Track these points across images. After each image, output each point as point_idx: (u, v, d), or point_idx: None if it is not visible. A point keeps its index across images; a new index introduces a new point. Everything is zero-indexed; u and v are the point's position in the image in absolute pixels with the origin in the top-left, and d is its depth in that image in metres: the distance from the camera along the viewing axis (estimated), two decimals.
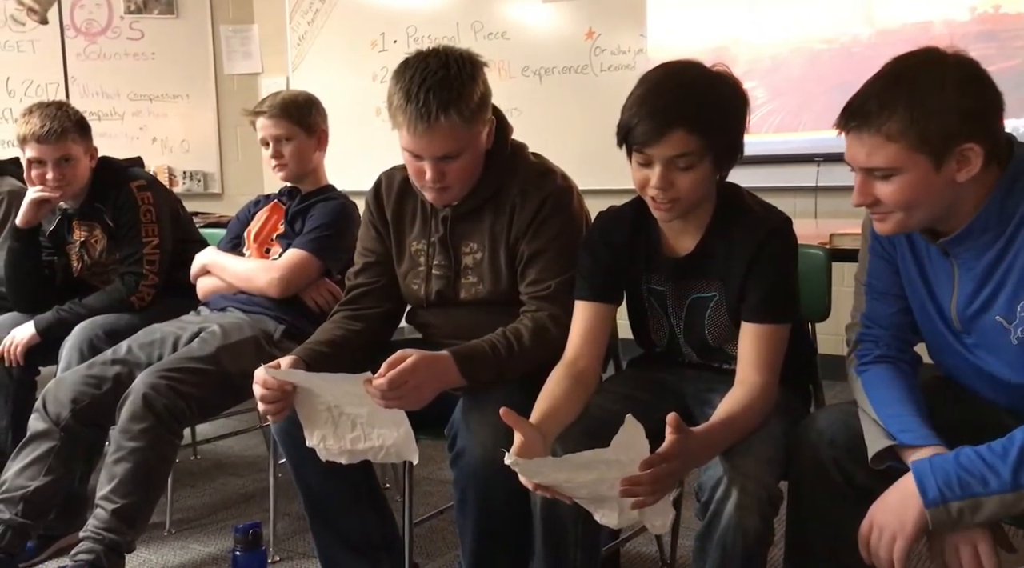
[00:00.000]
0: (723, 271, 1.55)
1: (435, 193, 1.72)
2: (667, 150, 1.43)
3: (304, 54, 4.94)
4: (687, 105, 1.42)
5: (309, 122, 2.31)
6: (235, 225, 2.47)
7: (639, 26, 4.08)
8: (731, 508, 1.34)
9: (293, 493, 1.89)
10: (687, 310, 1.62)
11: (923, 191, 1.26)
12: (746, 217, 1.55)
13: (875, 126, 1.24)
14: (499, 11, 4.44)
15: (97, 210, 2.51)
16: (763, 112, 3.86)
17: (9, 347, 2.38)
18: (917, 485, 1.20)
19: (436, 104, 1.59)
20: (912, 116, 1.21)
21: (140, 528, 2.03)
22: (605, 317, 1.64)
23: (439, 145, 1.64)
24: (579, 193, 1.80)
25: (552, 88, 4.32)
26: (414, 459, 1.62)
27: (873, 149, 1.25)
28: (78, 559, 1.94)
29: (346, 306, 1.88)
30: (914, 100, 1.22)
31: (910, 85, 1.23)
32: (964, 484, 1.18)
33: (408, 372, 1.51)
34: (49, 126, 2.37)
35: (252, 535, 1.64)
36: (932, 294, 1.40)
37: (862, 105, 1.26)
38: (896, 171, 1.25)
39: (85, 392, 2.08)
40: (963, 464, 1.19)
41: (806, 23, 3.78)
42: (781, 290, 1.53)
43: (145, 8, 4.95)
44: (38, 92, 4.69)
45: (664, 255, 1.61)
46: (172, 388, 1.99)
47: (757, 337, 1.51)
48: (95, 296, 2.43)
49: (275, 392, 1.62)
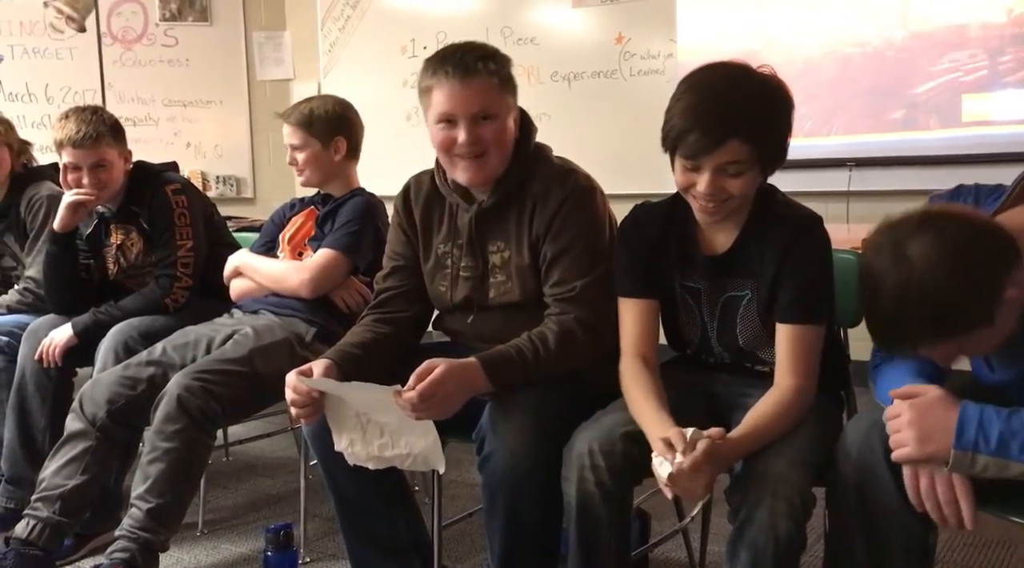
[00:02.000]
0: (756, 270, 1.55)
1: (470, 163, 1.71)
2: (720, 159, 1.43)
3: (335, 60, 4.99)
4: (741, 116, 1.42)
5: (325, 133, 2.33)
6: (269, 228, 2.50)
7: (669, 30, 4.06)
8: (763, 512, 1.33)
9: (324, 495, 1.91)
10: (721, 309, 1.61)
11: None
12: (778, 216, 1.55)
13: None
14: (528, 16, 4.45)
15: (133, 213, 2.54)
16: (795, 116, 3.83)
17: (48, 348, 2.42)
18: (958, 423, 1.20)
19: (473, 57, 1.66)
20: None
21: (174, 527, 2.06)
22: (653, 312, 1.64)
23: (476, 99, 1.66)
24: (603, 194, 1.79)
25: (581, 93, 4.32)
26: (440, 468, 1.62)
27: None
28: (113, 557, 1.97)
29: (375, 309, 1.89)
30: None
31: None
32: (1002, 443, 1.18)
33: (437, 384, 1.52)
34: (84, 131, 2.41)
35: (283, 536, 1.67)
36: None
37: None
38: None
39: (120, 393, 2.11)
40: (1012, 426, 1.18)
41: (838, 26, 3.75)
42: (813, 289, 1.51)
43: (180, 16, 5.02)
44: (76, 98, 4.77)
45: (701, 253, 1.60)
46: (206, 390, 2.01)
47: (790, 338, 1.51)
48: (131, 298, 2.47)
49: (305, 397, 1.64)
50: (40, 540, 2.07)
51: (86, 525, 2.33)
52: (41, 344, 2.43)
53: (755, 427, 1.43)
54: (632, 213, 1.67)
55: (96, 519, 2.35)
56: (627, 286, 1.64)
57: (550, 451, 1.55)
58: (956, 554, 2.24)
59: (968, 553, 2.25)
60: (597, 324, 1.67)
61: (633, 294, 1.63)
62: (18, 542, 2.07)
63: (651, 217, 1.64)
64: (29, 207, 2.70)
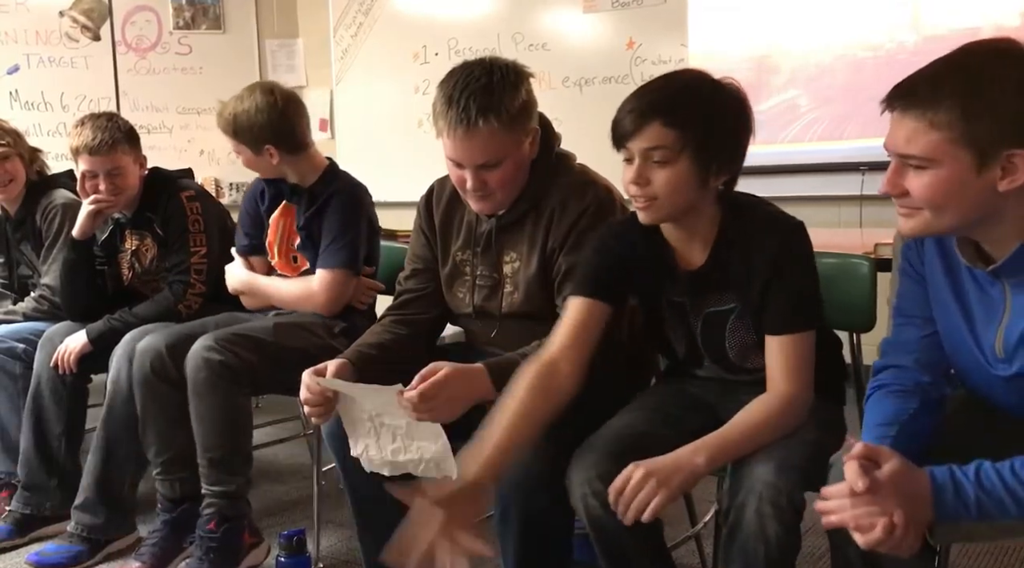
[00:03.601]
0: (738, 283, 1.53)
1: (478, 202, 1.73)
2: (643, 142, 1.43)
3: (347, 67, 5.00)
4: (664, 99, 1.44)
5: (252, 142, 2.28)
6: (245, 220, 2.45)
7: (680, 35, 4.06)
8: (750, 515, 1.33)
9: (337, 501, 1.91)
10: (703, 323, 1.60)
11: (956, 192, 1.16)
12: (756, 228, 1.51)
13: (921, 109, 1.15)
14: (540, 22, 4.46)
15: (148, 219, 2.56)
16: (807, 120, 3.82)
17: (63, 355, 2.43)
18: (934, 497, 1.13)
19: (476, 109, 1.60)
20: (964, 107, 1.13)
21: (242, 472, 2.17)
22: (598, 317, 1.57)
23: (478, 152, 1.64)
24: (623, 206, 1.78)
25: (593, 98, 4.32)
26: (453, 474, 1.62)
27: (913, 134, 1.16)
28: (205, 514, 2.13)
29: (394, 310, 1.90)
30: (969, 90, 1.13)
31: (969, 74, 1.14)
32: (981, 505, 1.12)
33: (440, 385, 1.52)
34: (100, 138, 2.43)
35: (297, 542, 1.67)
36: (970, 320, 1.32)
37: (913, 85, 1.18)
38: (932, 163, 1.16)
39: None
40: (984, 486, 1.12)
41: (850, 30, 3.74)
42: (801, 298, 1.49)
43: (193, 24, 5.05)
44: (90, 107, 4.80)
45: (680, 268, 1.58)
46: (228, 349, 2.09)
47: (782, 349, 1.48)
48: (144, 305, 2.48)
49: (318, 396, 1.66)
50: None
51: (100, 530, 2.35)
52: (56, 351, 2.45)
53: (740, 430, 1.42)
54: (612, 224, 1.67)
55: (111, 524, 2.37)
56: (579, 285, 1.60)
57: (562, 459, 1.55)
58: (970, 561, 2.23)
59: (981, 560, 2.23)
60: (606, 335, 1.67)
61: (581, 292, 1.58)
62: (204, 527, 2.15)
63: (630, 229, 1.59)
64: (44, 215, 2.72)
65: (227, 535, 2.13)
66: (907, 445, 1.26)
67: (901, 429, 1.29)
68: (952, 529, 1.14)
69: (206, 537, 2.13)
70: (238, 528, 2.17)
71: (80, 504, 2.36)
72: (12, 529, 2.45)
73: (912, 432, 1.30)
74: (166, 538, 2.26)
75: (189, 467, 2.22)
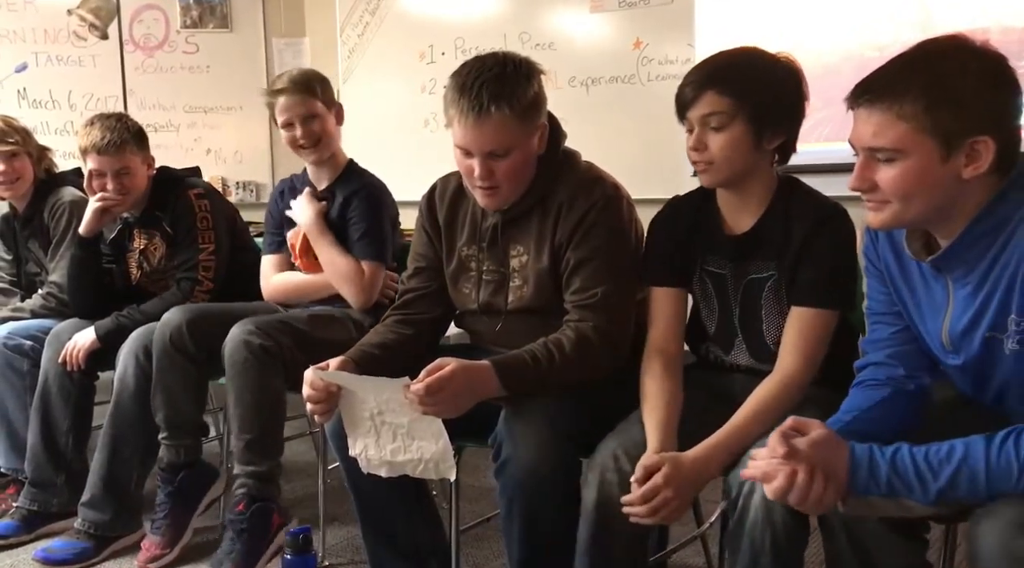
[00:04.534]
0: (779, 251, 1.56)
1: (484, 194, 1.73)
2: (700, 110, 1.52)
3: (354, 66, 5.01)
4: (718, 70, 1.53)
5: (329, 97, 2.38)
6: (270, 222, 2.51)
7: (687, 35, 4.05)
8: (757, 501, 1.34)
9: (342, 499, 1.92)
10: (743, 292, 1.62)
11: (924, 181, 1.21)
12: (803, 201, 1.58)
13: (887, 102, 1.20)
14: (546, 22, 4.46)
15: (156, 218, 2.57)
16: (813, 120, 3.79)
17: (71, 352, 2.45)
18: (849, 469, 1.18)
19: (488, 96, 1.61)
20: (929, 98, 1.18)
21: (274, 454, 2.22)
22: (682, 301, 1.68)
23: (489, 139, 1.65)
24: (630, 202, 1.79)
25: (599, 98, 4.31)
26: (451, 476, 1.63)
27: (881, 127, 1.21)
28: (236, 495, 2.18)
29: (398, 310, 1.90)
30: (933, 82, 1.18)
31: (931, 67, 1.20)
32: (891, 485, 1.17)
33: (446, 380, 1.53)
34: (109, 138, 2.44)
35: (302, 539, 1.67)
36: (921, 314, 1.36)
37: (878, 80, 1.23)
38: (901, 154, 1.21)
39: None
40: (897, 468, 1.17)
41: (858, 30, 3.73)
42: (830, 275, 1.53)
43: (200, 23, 5.06)
44: (98, 105, 4.81)
45: (724, 234, 1.63)
46: (265, 333, 2.13)
47: (801, 320, 1.52)
48: (152, 303, 2.49)
49: (321, 393, 1.65)
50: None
51: (107, 527, 2.36)
52: (64, 348, 2.46)
53: (734, 426, 1.46)
54: (667, 203, 1.72)
55: (117, 521, 2.38)
56: (656, 274, 1.68)
57: (567, 458, 1.56)
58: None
59: None
60: (614, 333, 1.67)
61: (662, 281, 1.67)
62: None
63: (683, 206, 1.69)
64: (52, 213, 2.74)
65: (256, 516, 2.16)
66: (863, 428, 1.30)
67: (859, 415, 1.34)
68: (863, 504, 1.20)
69: (236, 520, 2.17)
70: (267, 509, 2.20)
71: (87, 501, 2.37)
72: (19, 525, 2.47)
73: (872, 417, 1.34)
74: (176, 508, 2.32)
75: (193, 435, 2.32)
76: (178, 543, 2.33)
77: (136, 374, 2.32)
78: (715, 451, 1.44)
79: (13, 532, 2.46)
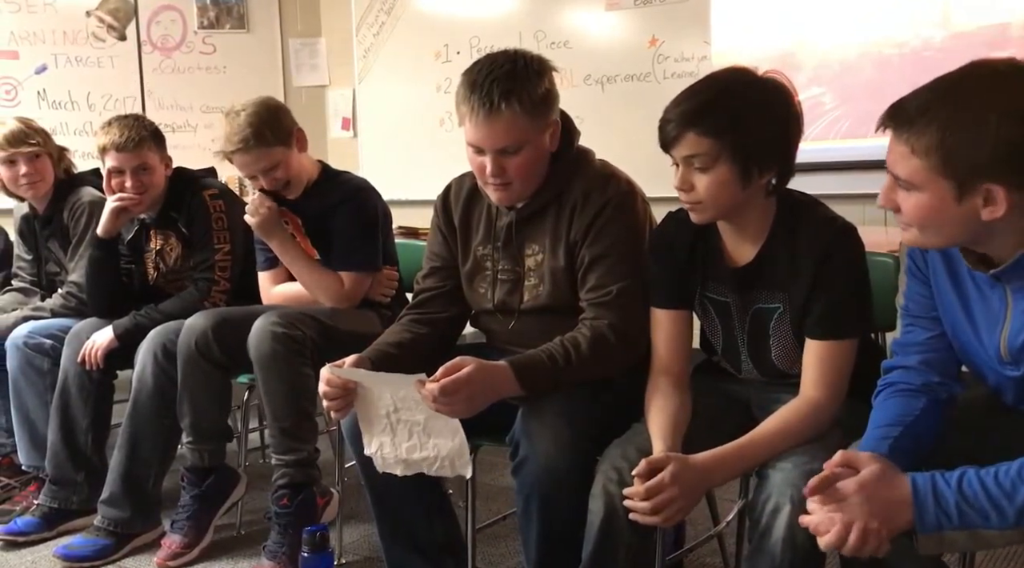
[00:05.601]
0: (787, 282, 1.52)
1: (496, 190, 1.73)
2: (682, 151, 1.46)
3: (370, 66, 5.02)
4: (696, 109, 1.44)
5: (285, 131, 2.32)
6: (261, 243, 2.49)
7: (703, 33, 4.04)
8: (782, 521, 1.32)
9: (359, 497, 1.92)
10: (750, 322, 1.59)
11: (939, 216, 1.18)
12: (808, 226, 1.51)
13: (905, 135, 1.17)
14: (562, 20, 4.45)
15: (172, 219, 2.59)
16: (831, 118, 3.79)
17: (90, 351, 2.47)
18: (915, 506, 1.12)
19: (499, 93, 1.61)
20: (941, 138, 1.13)
21: (311, 438, 2.25)
22: (685, 322, 1.64)
23: (500, 135, 1.65)
24: (644, 199, 1.79)
25: (614, 96, 4.30)
26: (467, 473, 1.63)
27: (899, 157, 1.19)
28: (277, 485, 2.21)
29: (413, 309, 1.91)
30: (949, 122, 1.13)
31: (955, 103, 1.14)
32: (963, 515, 1.11)
33: (462, 382, 1.53)
34: (127, 135, 2.47)
35: (320, 537, 1.67)
36: (974, 324, 1.32)
37: (901, 109, 1.19)
38: (914, 187, 1.18)
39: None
40: (966, 495, 1.11)
41: (876, 26, 3.70)
42: (844, 304, 1.48)
43: (217, 23, 5.08)
44: (116, 106, 4.85)
45: (725, 264, 1.59)
46: (289, 323, 2.15)
47: (818, 354, 1.48)
48: (170, 302, 2.51)
49: (337, 389, 1.66)
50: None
51: (126, 525, 2.38)
52: (83, 347, 2.48)
53: (752, 440, 1.43)
54: (662, 223, 1.67)
55: (136, 519, 2.40)
56: (658, 297, 1.64)
57: (585, 457, 1.55)
58: (998, 563, 2.21)
59: (1005, 564, 2.21)
60: (630, 330, 1.67)
61: (664, 304, 1.64)
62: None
63: (679, 228, 1.62)
64: (72, 213, 2.76)
65: (301, 507, 2.19)
66: (911, 445, 1.26)
67: (905, 430, 1.29)
68: (936, 540, 1.13)
69: (281, 513, 2.19)
70: (311, 497, 2.23)
71: (106, 498, 2.39)
72: (40, 522, 2.49)
73: (917, 432, 1.30)
74: (199, 509, 2.35)
75: (217, 439, 2.35)
76: (199, 544, 2.35)
77: (154, 372, 2.34)
78: (727, 459, 1.42)
79: (34, 529, 2.48)
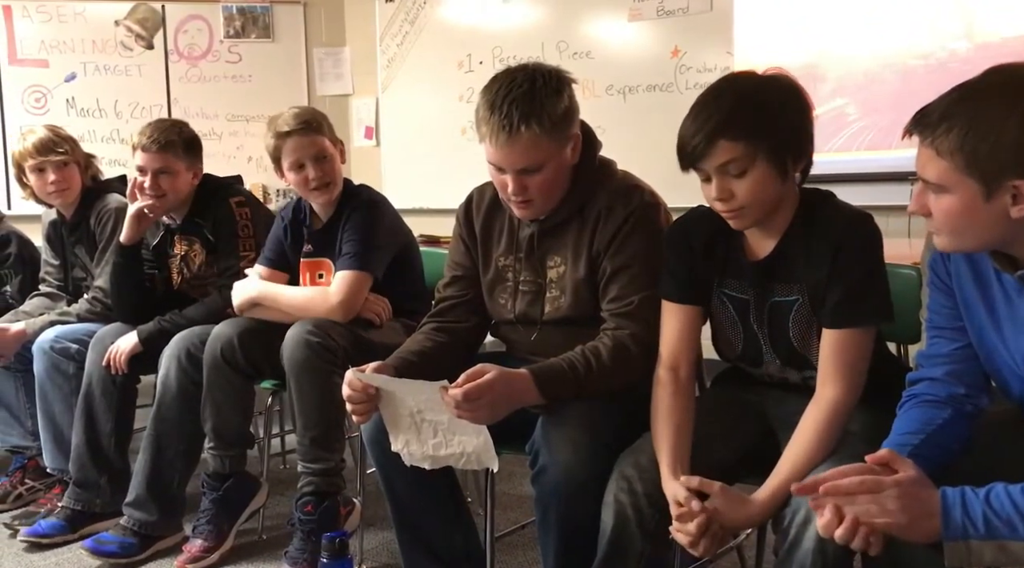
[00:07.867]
0: (804, 273, 1.52)
1: (518, 207, 1.74)
2: (715, 160, 1.44)
3: (393, 75, 5.06)
4: (723, 118, 1.43)
5: (334, 134, 2.39)
6: (274, 243, 2.48)
7: (726, 43, 4.04)
8: (812, 532, 1.30)
9: (380, 504, 1.93)
10: (768, 315, 1.58)
11: (972, 217, 1.19)
12: (824, 218, 1.51)
13: (929, 138, 1.19)
14: (584, 31, 4.46)
15: (197, 225, 2.61)
16: (855, 129, 3.77)
17: (114, 355, 2.49)
18: (942, 512, 1.12)
19: (518, 115, 1.61)
20: (964, 138, 1.15)
21: (339, 448, 2.27)
22: (696, 319, 1.63)
23: (520, 157, 1.65)
24: (667, 210, 1.79)
25: (637, 106, 4.31)
26: (494, 466, 1.63)
27: (927, 161, 1.20)
28: (303, 492, 2.23)
29: (434, 318, 1.91)
30: (972, 122, 1.15)
31: (976, 104, 1.16)
32: (989, 524, 1.10)
33: (485, 388, 1.53)
34: (155, 137, 2.51)
35: (339, 543, 1.68)
36: (1000, 332, 1.31)
37: (926, 113, 1.21)
38: (944, 190, 1.19)
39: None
40: (992, 504, 1.11)
41: (900, 38, 3.68)
42: (860, 291, 1.47)
43: (243, 33, 5.14)
44: (143, 114, 4.92)
45: (745, 259, 1.58)
46: (324, 332, 2.17)
47: (836, 343, 1.47)
48: (194, 307, 2.54)
49: (360, 394, 1.67)
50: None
51: (151, 527, 2.40)
52: (108, 351, 2.50)
53: (794, 467, 1.42)
54: (683, 216, 1.67)
55: (162, 522, 2.42)
56: (670, 289, 1.63)
57: (604, 467, 1.55)
58: None
59: None
60: (651, 341, 1.66)
61: (675, 298, 1.62)
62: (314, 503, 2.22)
63: (699, 223, 1.62)
64: (98, 219, 2.80)
65: (324, 515, 2.21)
66: (932, 454, 1.26)
67: (927, 438, 1.29)
68: (964, 551, 1.12)
69: (305, 520, 2.21)
70: (334, 506, 2.24)
71: (132, 501, 2.41)
72: (64, 524, 2.52)
73: (939, 442, 1.30)
74: (219, 514, 2.37)
75: (239, 446, 2.38)
76: (219, 549, 2.37)
77: (178, 377, 2.36)
78: (781, 491, 1.40)
79: (58, 531, 2.51)
